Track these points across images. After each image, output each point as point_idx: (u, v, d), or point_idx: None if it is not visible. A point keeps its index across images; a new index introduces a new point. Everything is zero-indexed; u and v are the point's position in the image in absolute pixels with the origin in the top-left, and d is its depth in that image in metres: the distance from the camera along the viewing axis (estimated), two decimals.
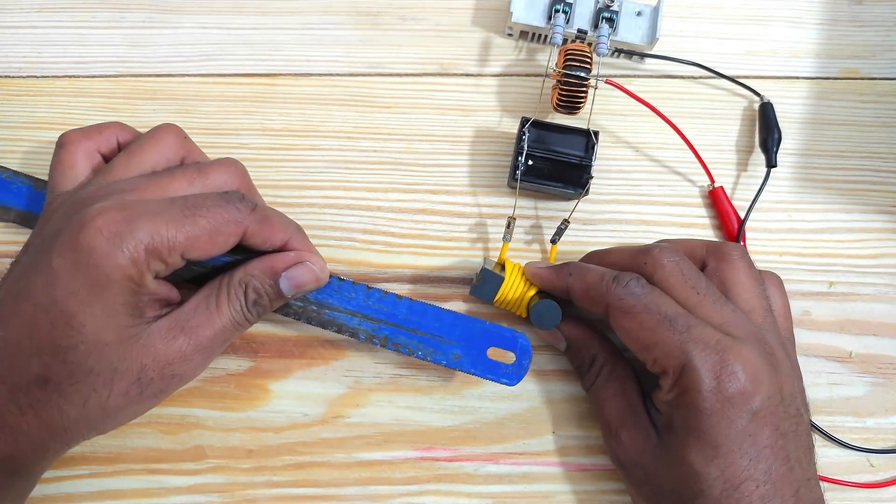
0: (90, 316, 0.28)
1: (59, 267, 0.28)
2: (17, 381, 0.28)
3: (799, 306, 0.39)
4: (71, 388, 0.28)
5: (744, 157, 0.41)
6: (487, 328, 0.35)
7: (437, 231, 0.39)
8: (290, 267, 0.32)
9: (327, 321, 0.35)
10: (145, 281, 0.28)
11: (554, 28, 0.38)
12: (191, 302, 0.31)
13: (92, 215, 0.28)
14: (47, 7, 0.42)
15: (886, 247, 0.40)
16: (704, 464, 0.30)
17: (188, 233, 0.29)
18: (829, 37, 0.43)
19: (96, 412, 0.29)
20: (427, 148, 0.41)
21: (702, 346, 0.30)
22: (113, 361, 0.29)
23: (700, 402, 0.30)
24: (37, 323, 0.28)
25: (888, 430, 0.38)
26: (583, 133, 0.37)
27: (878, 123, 0.41)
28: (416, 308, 0.35)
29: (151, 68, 0.41)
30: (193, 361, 0.31)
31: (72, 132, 0.34)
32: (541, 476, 0.37)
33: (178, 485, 0.36)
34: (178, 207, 0.29)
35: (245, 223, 0.30)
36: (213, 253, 0.30)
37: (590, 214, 0.40)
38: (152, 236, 0.28)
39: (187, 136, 0.34)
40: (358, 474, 0.36)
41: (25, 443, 0.29)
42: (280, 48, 0.42)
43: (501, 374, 0.34)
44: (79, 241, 0.27)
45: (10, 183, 0.37)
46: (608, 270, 0.33)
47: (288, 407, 0.37)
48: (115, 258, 0.27)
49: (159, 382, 0.30)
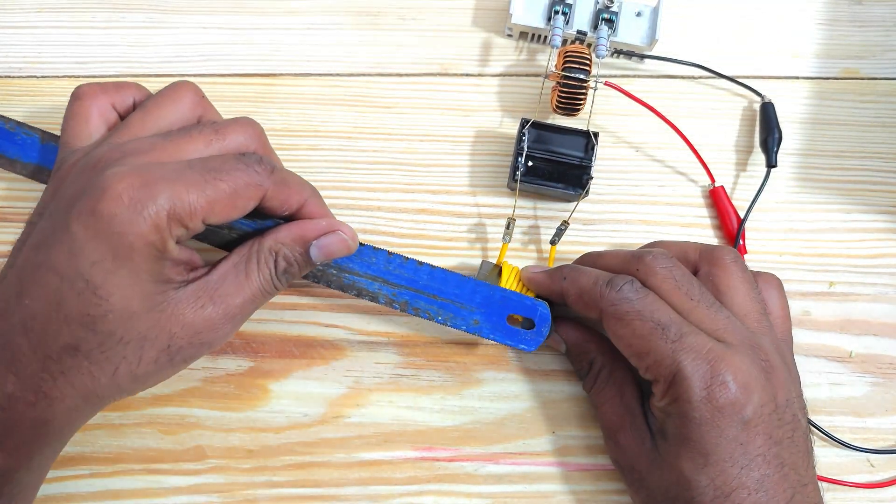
0: (116, 285, 0.27)
1: (79, 235, 0.27)
2: (48, 350, 0.28)
3: (799, 306, 0.39)
4: (102, 355, 0.28)
5: (744, 157, 0.41)
6: (508, 295, 0.35)
7: (436, 231, 0.39)
8: (322, 236, 0.32)
9: (347, 285, 0.34)
10: (168, 247, 0.28)
11: (553, 30, 0.38)
12: (218, 270, 0.31)
13: (111, 181, 0.27)
14: (47, 7, 0.42)
15: (886, 247, 0.40)
16: (695, 471, 0.30)
17: (209, 197, 0.28)
18: (829, 37, 0.43)
19: (127, 378, 0.29)
20: (427, 148, 0.41)
21: (693, 355, 0.30)
22: (141, 330, 0.29)
23: (690, 412, 0.30)
24: (63, 293, 0.27)
25: (888, 430, 0.38)
26: (582, 134, 0.37)
27: (878, 123, 0.41)
28: (437, 274, 0.35)
29: (151, 68, 0.41)
30: (223, 330, 0.30)
31: (88, 85, 0.33)
32: (541, 476, 0.37)
33: (178, 485, 0.36)
34: (197, 171, 0.29)
35: (264, 186, 0.30)
36: (232, 217, 0.30)
37: (590, 215, 0.40)
38: (173, 202, 0.27)
39: (204, 95, 0.34)
40: (358, 474, 0.36)
41: (60, 408, 0.29)
42: (280, 48, 0.42)
43: (520, 339, 0.34)
44: (98, 208, 0.27)
45: (13, 134, 0.36)
46: (602, 274, 0.33)
47: (288, 407, 0.37)
48: (138, 225, 0.27)
49: (188, 349, 0.30)
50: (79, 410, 0.30)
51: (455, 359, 0.38)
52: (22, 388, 0.28)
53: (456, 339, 0.38)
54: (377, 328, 0.38)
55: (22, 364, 0.28)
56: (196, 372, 0.37)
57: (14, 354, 0.28)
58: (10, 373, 0.28)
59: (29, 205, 0.39)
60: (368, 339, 0.38)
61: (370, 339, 0.38)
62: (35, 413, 0.28)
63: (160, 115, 0.32)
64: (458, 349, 0.38)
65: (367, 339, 0.38)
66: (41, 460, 0.30)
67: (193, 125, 0.32)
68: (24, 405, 0.28)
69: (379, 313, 0.38)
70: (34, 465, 0.30)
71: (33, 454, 0.29)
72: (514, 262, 0.38)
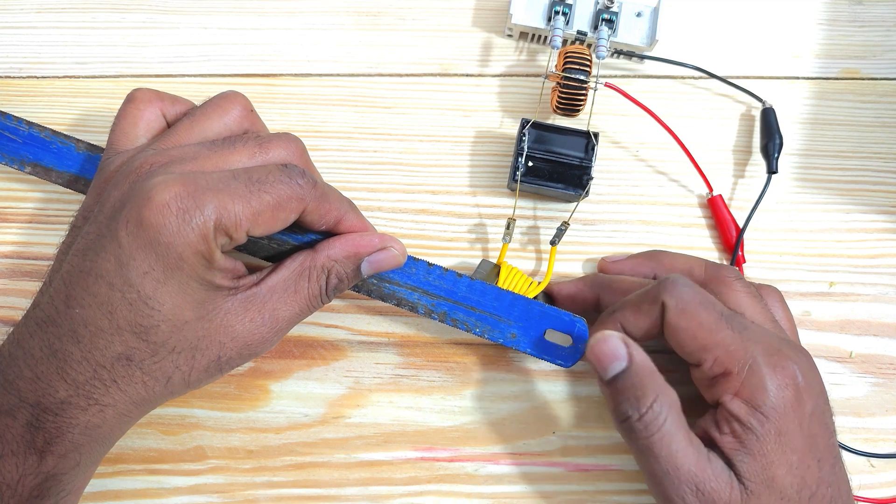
0: (167, 295, 0.28)
1: (128, 245, 0.27)
2: (101, 359, 0.28)
3: (799, 306, 0.39)
4: (155, 365, 0.29)
5: (744, 159, 0.41)
6: (546, 311, 0.35)
7: (436, 232, 0.39)
8: (375, 252, 0.32)
9: (387, 294, 0.35)
10: (215, 257, 0.28)
11: (553, 31, 0.38)
12: (267, 283, 0.31)
13: (157, 189, 0.27)
14: (47, 8, 0.42)
15: (886, 247, 0.40)
16: (787, 473, 0.29)
17: (253, 208, 0.28)
18: (829, 37, 0.43)
19: (179, 385, 0.30)
20: (427, 148, 0.41)
21: (761, 346, 0.30)
22: (193, 340, 0.29)
23: (768, 401, 0.29)
24: (114, 303, 0.27)
25: (889, 431, 0.38)
26: (583, 134, 0.37)
27: (878, 123, 0.41)
28: (476, 287, 0.35)
29: (151, 69, 0.41)
30: (270, 342, 0.31)
31: (144, 90, 0.34)
32: (541, 476, 0.37)
33: (179, 485, 0.36)
34: (242, 182, 0.29)
35: (306, 200, 0.30)
36: (274, 228, 0.30)
37: (590, 215, 0.40)
38: (219, 212, 0.27)
39: (252, 108, 0.34)
40: (358, 475, 0.36)
41: (111, 414, 0.29)
42: (280, 48, 0.42)
43: (557, 355, 0.34)
44: (146, 217, 0.27)
45: (48, 143, 0.36)
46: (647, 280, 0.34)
47: (288, 407, 0.37)
48: (186, 235, 0.27)
49: (237, 360, 0.31)
50: (130, 415, 0.30)
51: (455, 359, 0.38)
52: (75, 394, 0.28)
53: (456, 339, 0.38)
54: (377, 328, 0.38)
55: (74, 372, 0.28)
56: None
57: (66, 362, 0.28)
58: (63, 380, 0.28)
59: (29, 206, 0.39)
60: (368, 340, 0.38)
61: (370, 340, 0.38)
62: (87, 418, 0.28)
63: (207, 126, 0.32)
64: (458, 349, 0.38)
65: (367, 340, 0.38)
66: (88, 463, 0.30)
67: (238, 136, 0.32)
68: (76, 410, 0.28)
69: (379, 313, 0.38)
70: (81, 468, 0.30)
71: (82, 458, 0.29)
72: (513, 263, 0.38)
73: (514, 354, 0.38)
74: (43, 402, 0.28)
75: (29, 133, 0.36)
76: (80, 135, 0.39)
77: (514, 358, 0.38)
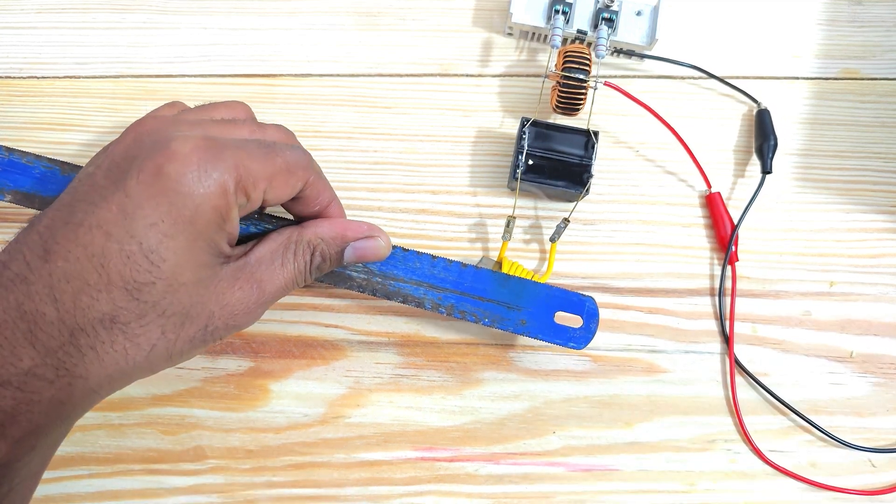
0: (171, 251, 0.26)
1: (137, 195, 0.26)
2: (80, 320, 0.25)
3: (799, 306, 0.39)
4: (140, 329, 0.26)
5: (743, 158, 0.41)
6: (554, 293, 0.35)
7: (437, 231, 0.39)
8: (361, 239, 0.32)
9: (392, 292, 0.34)
10: (231, 215, 0.28)
11: (553, 29, 0.38)
12: (255, 253, 0.30)
13: (178, 143, 0.27)
14: (48, 8, 0.42)
15: (886, 247, 0.40)
16: None
17: (270, 169, 0.28)
18: (829, 37, 0.43)
19: (161, 357, 0.27)
20: (427, 148, 0.41)
21: None
22: (186, 305, 0.27)
23: None
24: (108, 255, 0.25)
25: (889, 430, 0.37)
26: (583, 133, 0.37)
27: (878, 123, 0.41)
28: (482, 276, 0.35)
29: (152, 69, 0.41)
30: (255, 314, 0.30)
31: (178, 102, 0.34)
32: (541, 476, 0.37)
33: (178, 485, 0.36)
34: (255, 144, 0.29)
35: (310, 171, 0.31)
36: (284, 196, 0.30)
37: (589, 215, 0.40)
38: (239, 169, 0.27)
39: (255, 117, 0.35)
40: (358, 475, 0.36)
41: (81, 388, 0.26)
42: (280, 48, 0.42)
43: (569, 338, 0.34)
44: (165, 167, 0.26)
45: (31, 168, 0.35)
46: None
47: (288, 407, 0.37)
48: (207, 186, 0.26)
49: (222, 331, 0.29)
50: (98, 393, 0.27)
51: (455, 359, 0.38)
52: (41, 363, 0.25)
53: (456, 339, 0.38)
54: (377, 328, 0.38)
55: (45, 336, 0.25)
56: (196, 372, 0.37)
57: (36, 324, 0.25)
58: (29, 344, 0.25)
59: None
60: (368, 340, 0.38)
61: (370, 340, 0.38)
62: (51, 392, 0.25)
63: (214, 112, 0.33)
64: (458, 349, 0.38)
65: (367, 340, 0.38)
66: (46, 446, 0.27)
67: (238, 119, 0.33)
68: (41, 383, 0.25)
69: (379, 313, 0.38)
70: (38, 452, 0.27)
71: (38, 441, 0.26)
72: (513, 260, 0.38)
73: (515, 354, 0.38)
74: (1, 373, 0.24)
75: (10, 160, 0.35)
76: (80, 135, 0.39)
77: (514, 358, 0.38)
